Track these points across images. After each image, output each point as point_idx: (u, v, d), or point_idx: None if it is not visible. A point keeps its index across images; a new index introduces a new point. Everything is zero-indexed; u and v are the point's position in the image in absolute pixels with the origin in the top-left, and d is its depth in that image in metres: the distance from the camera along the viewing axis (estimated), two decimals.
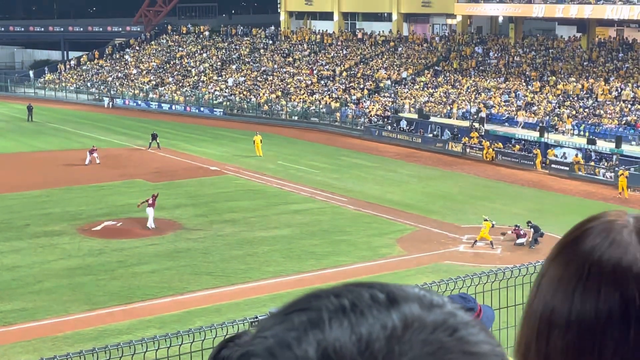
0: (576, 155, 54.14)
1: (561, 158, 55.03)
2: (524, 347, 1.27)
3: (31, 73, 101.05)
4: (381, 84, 76.04)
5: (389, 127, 66.81)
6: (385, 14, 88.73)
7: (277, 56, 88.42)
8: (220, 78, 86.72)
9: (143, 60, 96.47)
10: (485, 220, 37.45)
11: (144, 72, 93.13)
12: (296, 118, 75.01)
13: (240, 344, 1.08)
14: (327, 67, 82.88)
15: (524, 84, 68.21)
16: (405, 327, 1.03)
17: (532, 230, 37.39)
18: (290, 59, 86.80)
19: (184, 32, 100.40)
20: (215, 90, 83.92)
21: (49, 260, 35.21)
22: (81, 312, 29.41)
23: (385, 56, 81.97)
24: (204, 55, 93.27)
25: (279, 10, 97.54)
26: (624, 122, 57.57)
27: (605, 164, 52.70)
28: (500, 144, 58.39)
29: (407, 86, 74.53)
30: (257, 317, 6.59)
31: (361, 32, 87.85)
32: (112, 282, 32.44)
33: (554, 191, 48.97)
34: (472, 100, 67.25)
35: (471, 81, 71.54)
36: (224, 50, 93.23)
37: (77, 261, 35.14)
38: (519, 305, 7.48)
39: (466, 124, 62.43)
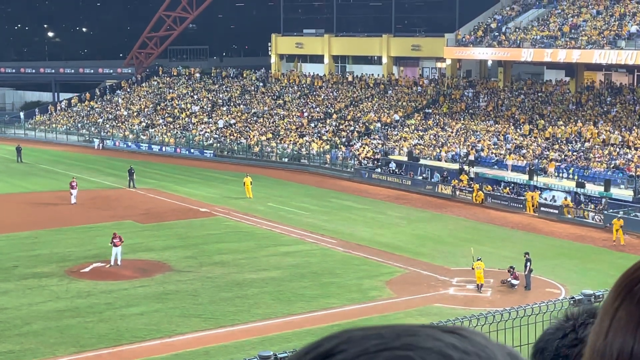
0: (565, 198, 54.28)
1: (550, 201, 55.16)
2: None
3: (21, 114, 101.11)
4: (371, 127, 76.31)
5: (379, 170, 66.96)
6: (375, 57, 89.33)
7: (267, 98, 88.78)
8: (210, 120, 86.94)
9: (134, 101, 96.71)
10: (479, 260, 37.22)
11: (135, 113, 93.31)
12: (286, 160, 75.13)
13: None
14: (317, 109, 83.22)
15: (512, 127, 68.55)
16: None
17: (527, 264, 37.17)
18: (281, 101, 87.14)
19: (175, 74, 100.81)
20: (206, 131, 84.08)
21: (37, 302, 34.97)
22: (69, 354, 29.16)
23: (375, 99, 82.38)
24: (195, 97, 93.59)
25: (269, 53, 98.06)
26: (612, 165, 57.82)
27: (594, 207, 52.84)
28: (489, 186, 58.54)
29: (397, 129, 74.83)
30: None
31: (351, 75, 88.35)
32: (100, 325, 32.21)
33: (544, 234, 49.02)
34: (461, 143, 67.52)
35: (460, 124, 71.88)
36: (214, 92, 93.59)
37: (65, 303, 34.90)
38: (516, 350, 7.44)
39: (456, 166, 62.61)
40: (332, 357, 1.14)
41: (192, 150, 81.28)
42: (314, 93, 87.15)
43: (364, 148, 71.87)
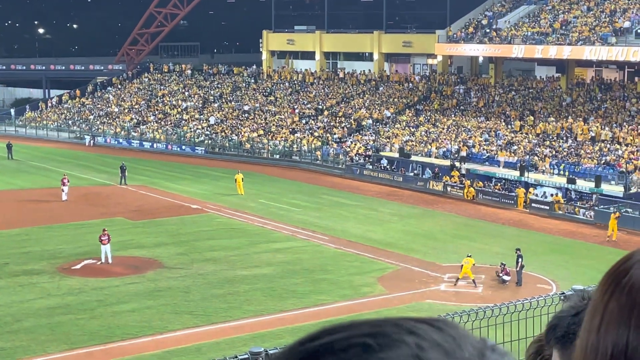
0: (556, 194, 54.39)
1: (541, 197, 55.26)
2: None
3: (12, 111, 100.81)
4: (363, 123, 76.33)
5: (370, 166, 66.96)
6: (367, 54, 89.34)
7: (259, 95, 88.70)
8: (202, 116, 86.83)
9: (125, 98, 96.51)
10: (469, 256, 37.43)
11: (126, 110, 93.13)
12: (278, 156, 75.11)
13: None
14: (308, 105, 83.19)
15: (504, 123, 68.65)
16: None
17: (518, 260, 37.22)
18: (272, 98, 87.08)
19: (166, 70, 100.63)
20: (197, 128, 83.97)
21: (28, 299, 34.89)
22: (60, 351, 29.10)
23: (366, 95, 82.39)
24: (186, 93, 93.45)
25: (261, 50, 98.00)
26: (603, 161, 57.97)
27: (585, 203, 52.96)
28: (480, 182, 58.63)
29: (388, 125, 74.85)
30: (236, 357, 6.50)
31: (343, 72, 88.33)
32: (92, 322, 32.14)
33: (535, 230, 49.12)
34: (452, 139, 67.60)
35: (452, 120, 71.95)
36: (206, 89, 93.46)
37: (56, 300, 34.82)
38: (499, 345, 7.44)
39: (447, 162, 62.68)
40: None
41: (183, 147, 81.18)
42: (305, 89, 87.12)
43: (355, 144, 71.88)
